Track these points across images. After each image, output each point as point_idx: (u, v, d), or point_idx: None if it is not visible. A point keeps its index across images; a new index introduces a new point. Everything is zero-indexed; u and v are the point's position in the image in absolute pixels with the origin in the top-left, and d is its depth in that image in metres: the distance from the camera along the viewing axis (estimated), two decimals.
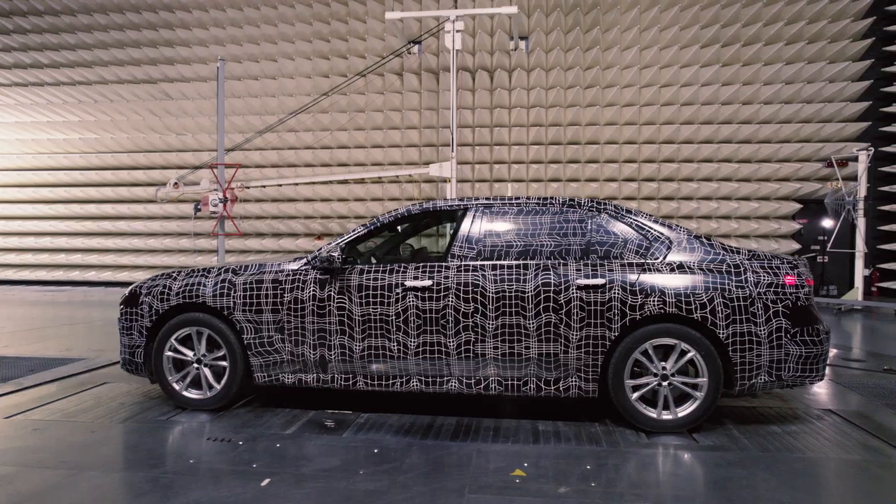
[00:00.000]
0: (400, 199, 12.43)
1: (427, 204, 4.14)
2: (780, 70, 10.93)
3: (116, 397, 4.39)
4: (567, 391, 3.72)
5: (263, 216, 12.77)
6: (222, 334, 3.99)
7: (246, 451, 3.31)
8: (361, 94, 12.34)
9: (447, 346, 3.77)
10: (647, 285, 3.62)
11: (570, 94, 11.75)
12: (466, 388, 3.81)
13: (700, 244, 3.77)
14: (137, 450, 3.33)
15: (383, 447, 3.38)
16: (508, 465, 3.12)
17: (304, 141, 12.52)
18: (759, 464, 3.14)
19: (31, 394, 4.46)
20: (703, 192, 11.31)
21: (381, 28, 12.40)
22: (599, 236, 3.83)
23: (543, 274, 3.72)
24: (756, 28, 11.00)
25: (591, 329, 3.64)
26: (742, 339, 3.55)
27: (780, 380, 3.59)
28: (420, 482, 2.90)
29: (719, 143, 11.27)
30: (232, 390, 4.01)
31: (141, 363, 4.13)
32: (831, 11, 10.91)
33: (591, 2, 11.62)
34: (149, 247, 13.04)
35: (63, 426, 3.72)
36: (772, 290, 3.59)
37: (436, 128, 12.28)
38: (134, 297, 4.17)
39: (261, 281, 3.98)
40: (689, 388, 3.62)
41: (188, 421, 3.84)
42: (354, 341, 3.86)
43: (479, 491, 2.80)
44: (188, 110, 12.86)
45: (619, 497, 2.74)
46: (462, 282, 3.77)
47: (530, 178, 12.05)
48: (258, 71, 12.58)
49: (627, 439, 3.53)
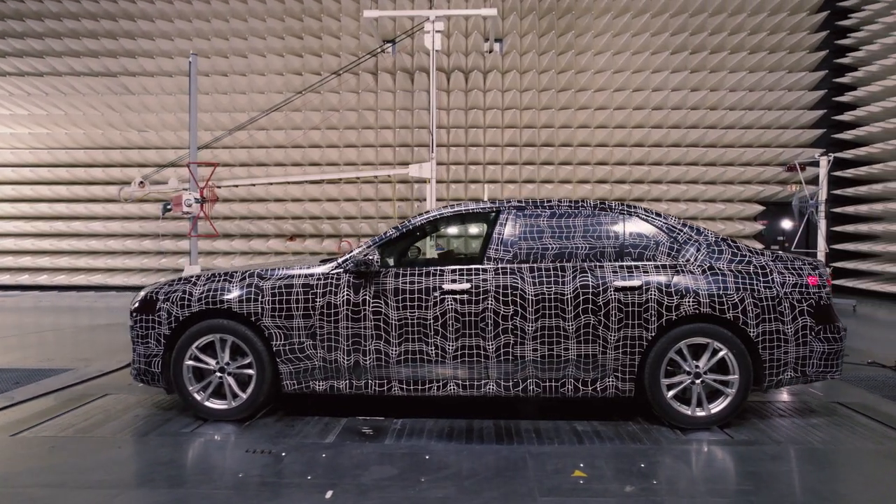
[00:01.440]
0: (374, 200, 12.30)
1: (459, 206, 4.11)
2: (744, 78, 11.46)
3: (127, 409, 4.15)
4: (604, 391, 3.78)
5: (232, 217, 12.35)
6: (249, 341, 3.84)
7: (293, 462, 3.20)
8: (335, 93, 12.13)
9: (486, 349, 3.76)
10: (681, 286, 3.73)
11: (545, 96, 11.92)
12: (504, 391, 3.81)
13: (727, 246, 3.91)
14: (175, 465, 3.16)
15: (433, 453, 3.34)
16: (565, 466, 3.15)
17: (275, 140, 12.20)
18: (800, 457, 3.28)
19: (27, 409, 4.16)
20: (671, 195, 11.72)
21: (355, 26, 12.23)
22: (632, 239, 3.91)
23: (581, 276, 3.77)
24: (721, 37, 11.49)
25: (629, 330, 3.71)
26: (770, 337, 3.71)
27: (805, 375, 3.77)
28: (487, 487, 2.88)
29: (687, 147, 11.70)
30: (259, 399, 3.87)
31: (158, 373, 3.93)
32: (789, 24, 11.52)
33: (566, 6, 11.84)
34: (108, 248, 12.38)
35: (82, 443, 3.49)
36: (796, 290, 3.76)
37: (410, 128, 12.22)
38: (150, 303, 3.96)
39: (290, 285, 3.85)
40: (720, 385, 3.75)
41: (216, 433, 3.68)
42: (391, 346, 3.79)
43: (549, 494, 2.81)
44: (150, 106, 12.28)
45: (689, 494, 2.81)
46: (501, 284, 3.77)
47: (505, 180, 12.16)
48: (227, 67, 12.16)
49: (666, 437, 3.62)
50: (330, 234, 12.38)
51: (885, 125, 10.52)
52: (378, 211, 12.28)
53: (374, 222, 12.33)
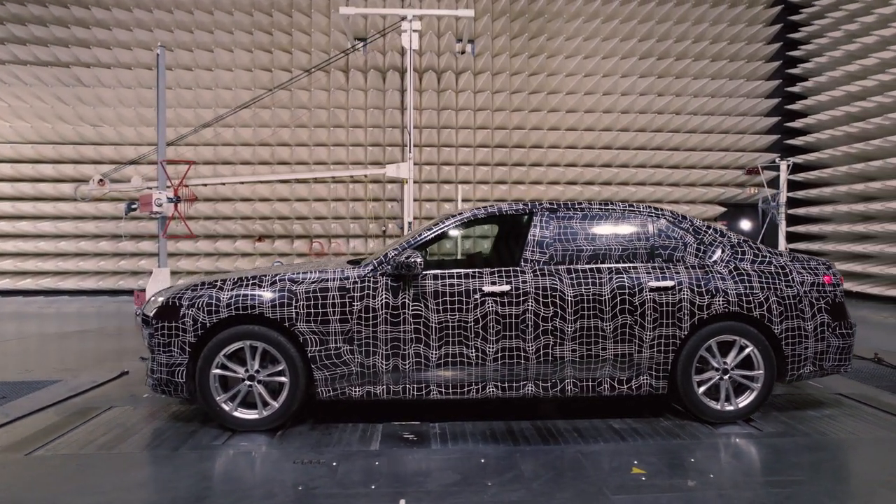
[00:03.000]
0: (345, 200, 12.10)
1: (492, 208, 4.11)
2: (706, 84, 11.99)
3: (143, 422, 3.92)
4: (639, 389, 3.87)
5: (196, 216, 11.83)
6: (281, 348, 3.70)
7: (348, 471, 3.11)
8: (305, 90, 11.86)
9: (526, 350, 3.78)
10: (712, 286, 3.87)
11: (517, 98, 12.07)
12: (543, 392, 3.84)
13: (749, 247, 4.08)
14: (225, 479, 3.01)
15: (486, 456, 3.32)
16: (620, 464, 3.21)
17: (242, 137, 11.79)
18: (832, 447, 3.47)
19: (29, 425, 3.86)
20: (638, 196, 12.11)
21: (325, 23, 12.00)
22: (661, 240, 4.02)
23: (617, 277, 3.85)
24: (686, 45, 11.98)
25: (664, 329, 3.82)
26: (792, 333, 3.91)
27: (822, 369, 3.99)
28: (556, 488, 2.90)
29: (653, 150, 12.13)
30: (292, 408, 3.74)
31: (183, 383, 3.72)
32: (746, 35, 12.15)
33: (537, 10, 12.03)
34: (59, 250, 11.62)
35: (110, 460, 3.27)
36: (814, 288, 3.98)
37: (382, 127, 12.10)
38: (172, 309, 3.74)
39: (326, 289, 3.74)
40: (746, 380, 3.91)
41: (251, 444, 3.53)
42: (431, 349, 3.75)
43: (619, 492, 2.86)
44: (106, 99, 11.61)
45: (749, 486, 2.92)
46: (540, 286, 3.79)
47: (477, 181, 12.24)
48: (190, 60, 11.65)
49: (701, 431, 3.74)
50: (300, 235, 12.09)
51: (833, 132, 11.25)
52: (349, 211, 12.10)
53: (346, 222, 12.13)
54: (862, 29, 10.68)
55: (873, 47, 10.44)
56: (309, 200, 12.05)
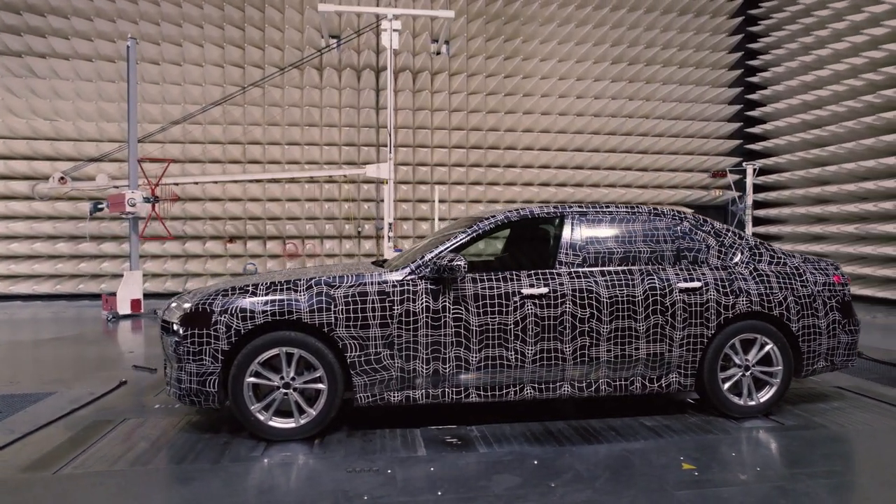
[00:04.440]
0: (319, 200, 11.88)
1: (524, 210, 4.13)
2: (675, 90, 12.44)
3: (167, 434, 3.73)
4: (668, 387, 3.99)
5: (162, 217, 11.33)
6: (319, 354, 3.61)
7: (407, 478, 3.06)
8: (278, 88, 11.56)
9: (563, 351, 3.83)
10: (735, 287, 4.03)
11: (492, 100, 12.16)
12: (578, 392, 3.90)
13: (766, 249, 4.27)
14: (288, 492, 2.91)
15: (537, 458, 3.34)
16: (668, 461, 3.30)
17: (211, 135, 11.38)
18: (854, 438, 3.69)
19: (41, 441, 3.61)
20: (610, 197, 12.44)
21: (298, 19, 11.74)
22: (686, 243, 4.16)
23: (648, 279, 3.95)
24: (655, 51, 12.39)
25: (692, 328, 3.95)
26: (808, 331, 4.12)
27: (833, 364, 4.23)
28: (619, 487, 2.95)
29: (623, 153, 12.49)
30: (330, 415, 3.65)
31: (214, 393, 3.58)
32: (710, 43, 12.67)
33: (512, 13, 12.16)
34: (11, 252, 10.87)
35: (152, 476, 3.10)
36: (826, 288, 4.20)
37: (357, 126, 11.94)
38: (203, 315, 3.58)
39: (365, 293, 3.67)
40: (766, 376, 4.09)
41: (293, 454, 3.42)
42: (471, 352, 3.74)
43: (680, 488, 2.94)
44: (63, 92, 10.95)
45: (795, 479, 3.06)
46: (577, 288, 3.85)
47: (453, 181, 12.26)
48: (157, 54, 11.15)
49: (728, 426, 3.89)
50: (273, 236, 11.78)
51: (790, 138, 11.90)
52: (324, 211, 11.88)
53: (321, 223, 11.91)
54: (817, 42, 11.34)
55: (827, 59, 11.10)
56: (282, 200, 11.76)
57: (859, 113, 10.42)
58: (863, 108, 10.28)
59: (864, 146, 10.16)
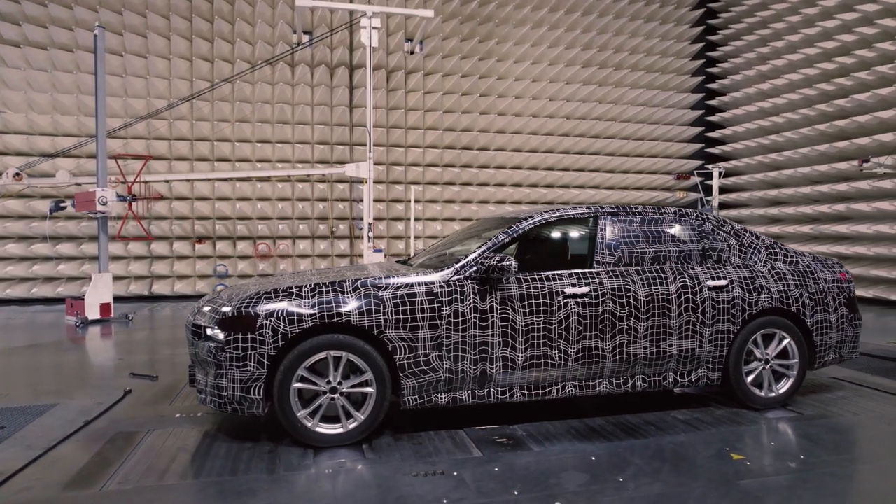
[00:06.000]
0: (291, 199, 11.59)
1: (560, 211, 4.19)
2: (641, 94, 12.88)
3: (204, 445, 3.56)
4: (697, 381, 4.15)
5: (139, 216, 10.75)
6: (368, 357, 3.54)
7: (477, 480, 3.05)
8: (248, 83, 11.20)
9: (603, 349, 3.91)
10: (758, 284, 4.23)
11: (466, 100, 12.22)
12: (616, 388, 3.99)
13: (780, 248, 4.50)
14: (363, 501, 2.84)
15: (594, 454, 3.40)
16: (716, 452, 3.43)
17: (178, 131, 10.90)
18: (872, 425, 3.94)
19: (65, 457, 3.37)
20: (580, 198, 12.75)
21: (270, 13, 11.41)
22: (710, 243, 4.33)
23: (680, 277, 4.09)
24: (623, 56, 12.78)
25: (720, 324, 4.12)
26: (821, 325, 4.37)
27: (841, 357, 4.51)
28: (684, 479, 3.05)
29: (593, 155, 12.82)
30: (378, 419, 3.58)
31: (260, 400, 3.44)
32: (674, 50, 13.20)
33: (487, 14, 12.25)
34: None
35: (211, 490, 2.95)
36: (835, 285, 4.48)
37: (330, 125, 11.73)
38: (247, 319, 3.44)
39: (413, 294, 3.62)
40: (783, 368, 4.32)
41: (348, 460, 3.34)
42: (517, 352, 3.76)
43: (745, 476, 3.07)
44: (12, 82, 10.21)
45: (840, 464, 3.24)
46: (615, 287, 3.94)
47: (427, 181, 12.24)
48: (119, 45, 10.57)
49: (754, 417, 4.08)
50: (243, 236, 11.40)
51: (748, 143, 12.56)
52: (295, 211, 11.61)
53: (293, 223, 11.63)
54: (772, 53, 12.01)
55: (783, 69, 11.79)
56: (252, 200, 11.40)
57: (813, 120, 11.12)
58: (816, 115, 10.97)
59: (817, 151, 10.85)
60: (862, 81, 10.06)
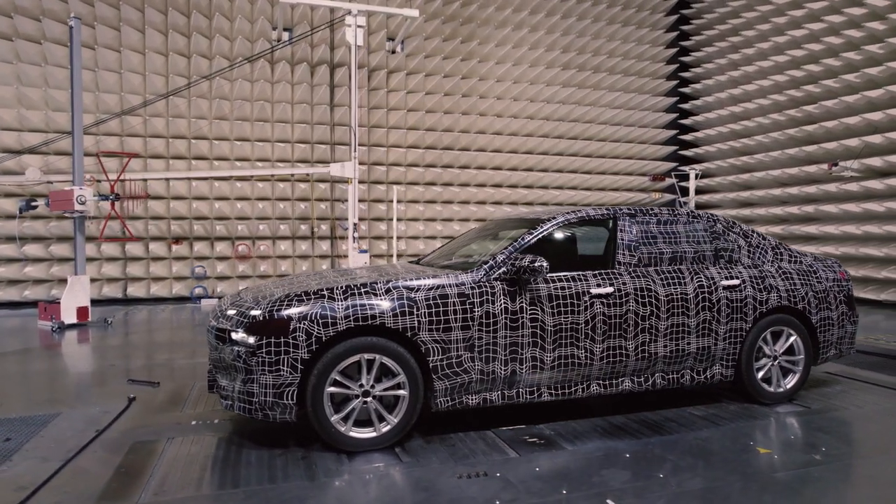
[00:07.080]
0: (271, 199, 11.36)
1: (580, 212, 4.23)
2: (618, 97, 13.15)
3: (231, 452, 3.45)
4: (712, 378, 4.27)
5: (97, 216, 10.34)
6: (401, 359, 3.51)
7: (522, 480, 3.06)
8: (227, 80, 10.92)
9: (627, 348, 3.98)
10: (767, 283, 4.38)
11: (448, 101, 12.22)
12: (637, 387, 4.07)
13: (784, 249, 4.68)
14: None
15: (628, 452, 3.46)
16: (742, 446, 3.54)
17: (154, 128, 10.54)
18: (878, 417, 4.13)
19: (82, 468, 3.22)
20: (560, 199, 12.93)
21: (249, 9, 11.15)
22: (721, 243, 4.46)
23: (697, 277, 4.20)
24: (601, 59, 13.01)
25: (734, 322, 4.25)
26: (824, 322, 4.56)
27: (841, 352, 4.71)
28: (721, 473, 3.13)
29: (571, 156, 13.01)
30: (411, 422, 3.55)
31: (293, 405, 3.37)
32: (649, 54, 13.52)
33: (468, 15, 12.28)
34: None
35: (255, 499, 2.87)
36: (836, 283, 4.68)
37: (311, 124, 11.55)
38: (279, 323, 3.36)
39: (445, 296, 3.61)
40: (790, 364, 4.49)
41: (384, 464, 3.30)
42: (546, 352, 3.79)
43: (778, 470, 3.17)
44: None
45: (861, 455, 3.40)
46: (638, 287, 4.02)
47: (409, 181, 12.20)
48: (90, 37, 10.13)
49: (766, 411, 4.23)
50: (221, 237, 11.10)
51: (720, 146, 12.98)
52: (276, 211, 11.38)
53: (273, 223, 11.40)
54: (743, 59, 12.44)
55: (753, 75, 12.23)
56: (231, 199, 11.12)
57: (782, 125, 11.58)
58: (785, 121, 11.43)
59: (787, 155, 11.30)
60: (829, 89, 10.53)
